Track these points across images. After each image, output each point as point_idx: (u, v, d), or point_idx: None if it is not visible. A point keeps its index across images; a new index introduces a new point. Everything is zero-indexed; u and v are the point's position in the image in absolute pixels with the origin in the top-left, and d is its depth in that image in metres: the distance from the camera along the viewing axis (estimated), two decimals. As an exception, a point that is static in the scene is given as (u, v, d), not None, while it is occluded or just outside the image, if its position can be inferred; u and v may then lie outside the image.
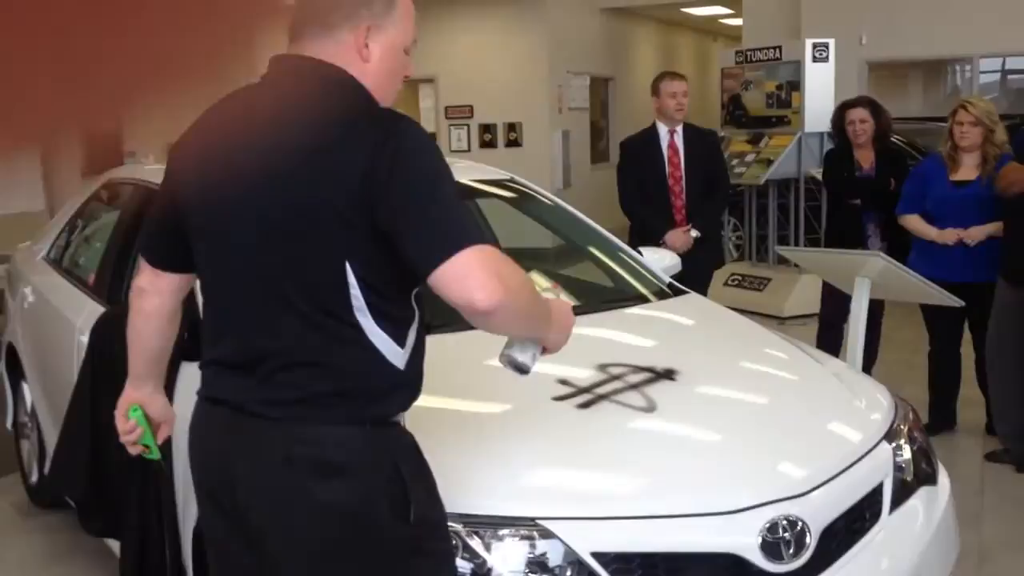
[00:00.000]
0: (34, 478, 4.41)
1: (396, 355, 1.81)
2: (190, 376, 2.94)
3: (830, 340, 5.66)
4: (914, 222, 5.11)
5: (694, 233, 5.05)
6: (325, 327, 1.77)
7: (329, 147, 1.74)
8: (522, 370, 1.90)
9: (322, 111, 1.79)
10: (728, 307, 3.59)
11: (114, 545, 3.16)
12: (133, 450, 2.19)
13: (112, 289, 3.73)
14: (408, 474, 1.82)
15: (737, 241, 10.30)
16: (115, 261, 3.79)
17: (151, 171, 4.23)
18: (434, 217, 1.69)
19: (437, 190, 1.72)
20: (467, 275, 1.65)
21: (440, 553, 1.91)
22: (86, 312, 3.64)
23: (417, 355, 1.87)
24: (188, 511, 2.80)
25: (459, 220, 1.71)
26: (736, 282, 8.94)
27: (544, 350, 1.91)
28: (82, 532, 3.36)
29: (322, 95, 1.81)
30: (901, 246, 5.27)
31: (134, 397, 2.16)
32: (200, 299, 3.02)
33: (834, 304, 5.51)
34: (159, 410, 2.19)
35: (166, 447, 2.89)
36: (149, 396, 2.17)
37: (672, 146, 5.23)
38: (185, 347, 2.97)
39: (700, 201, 5.21)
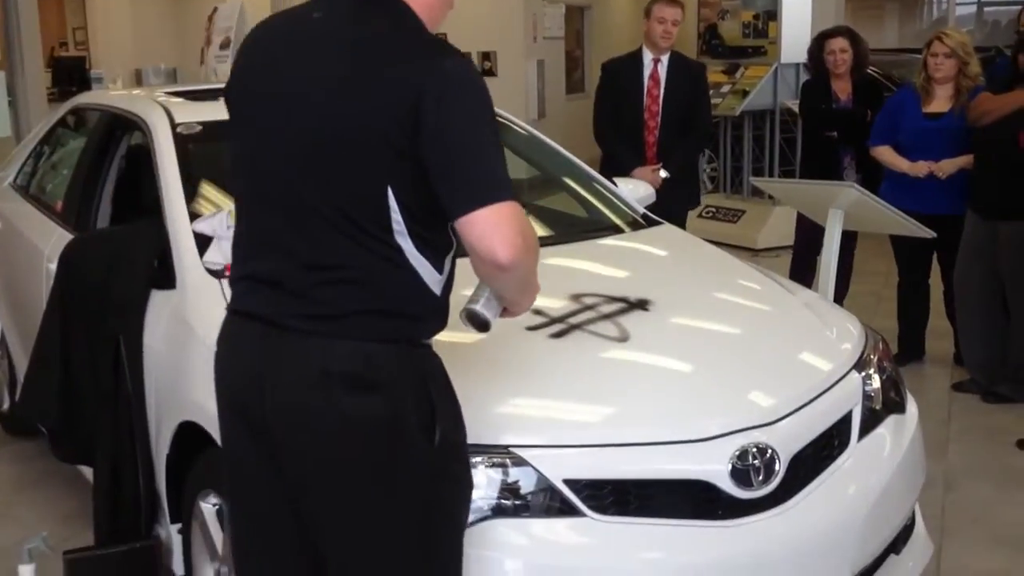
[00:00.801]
0: (4, 406, 4.39)
1: (434, 280, 1.85)
2: (160, 304, 2.92)
3: (803, 271, 5.69)
4: (886, 154, 5.11)
5: (663, 173, 4.82)
6: (367, 246, 1.79)
7: (379, 72, 1.76)
8: (485, 327, 1.93)
9: (372, 34, 1.80)
10: (702, 239, 3.59)
11: (87, 472, 3.17)
12: None
13: (81, 216, 3.68)
14: (436, 395, 1.85)
15: (712, 173, 10.29)
16: (83, 187, 3.74)
17: (117, 96, 4.16)
18: (473, 161, 1.74)
19: (480, 133, 1.75)
20: (496, 230, 1.71)
21: (462, 478, 1.94)
22: (54, 239, 3.59)
23: (450, 284, 1.91)
24: (161, 439, 2.81)
25: (496, 170, 1.75)
26: (710, 214, 8.95)
27: (504, 311, 1.95)
28: (55, 459, 3.36)
29: (373, 18, 1.82)
30: (877, 178, 5.27)
31: None
32: (172, 227, 3.00)
33: (807, 236, 5.53)
34: None
35: (138, 375, 2.90)
36: None
37: (654, 76, 5.01)
38: (155, 275, 2.96)
39: (674, 140, 4.98)
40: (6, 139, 6.31)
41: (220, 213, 2.94)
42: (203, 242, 2.92)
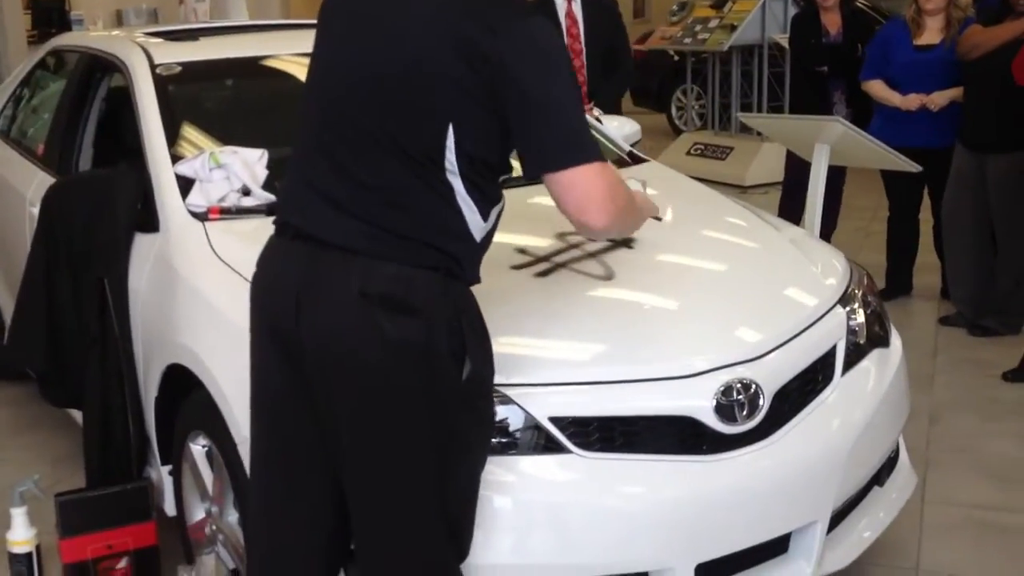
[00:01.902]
0: (-5, 351, 4.38)
1: (478, 227, 1.89)
2: (144, 247, 2.91)
3: (792, 208, 5.68)
4: (877, 88, 5.08)
5: (596, 113, 4.59)
6: (422, 176, 1.83)
7: (464, 16, 1.78)
8: None
9: None
10: (690, 176, 3.57)
11: (78, 416, 3.18)
12: None
13: (62, 159, 3.65)
14: (468, 329, 1.88)
15: (700, 110, 10.23)
16: (63, 131, 3.70)
17: (96, 37, 4.10)
18: (562, 120, 1.78)
19: (568, 91, 1.80)
20: (589, 195, 1.80)
21: (486, 415, 1.98)
22: (36, 183, 3.57)
23: (491, 237, 1.96)
24: (150, 381, 2.81)
25: (585, 130, 1.81)
26: (699, 151, 8.91)
27: None
28: (47, 404, 3.37)
29: None
30: (867, 114, 5.25)
31: None
32: (154, 170, 2.97)
33: (796, 172, 5.52)
34: None
35: (124, 318, 2.89)
36: None
37: (570, 15, 4.87)
38: (138, 218, 2.94)
39: (599, 79, 4.87)
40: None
41: (202, 155, 2.92)
42: (186, 185, 2.90)
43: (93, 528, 2.77)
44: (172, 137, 3.08)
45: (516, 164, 1.94)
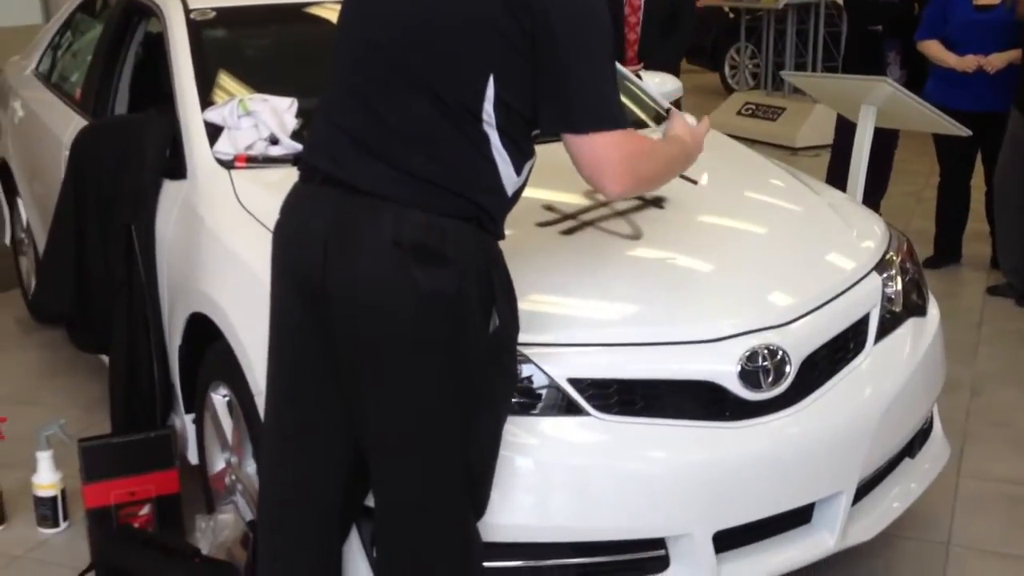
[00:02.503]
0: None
1: (511, 181, 1.86)
2: (172, 193, 2.90)
3: (841, 170, 5.52)
4: (933, 48, 4.92)
5: (637, 69, 4.54)
6: (458, 125, 1.79)
7: None
8: None
9: None
10: (741, 137, 3.48)
11: (108, 361, 3.19)
12: None
13: (98, 104, 3.65)
14: (497, 282, 1.86)
15: (754, 69, 10.03)
16: (100, 76, 3.69)
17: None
18: (591, 81, 1.77)
19: (603, 54, 1.79)
20: (605, 164, 1.79)
21: (509, 370, 1.96)
22: (72, 127, 3.57)
23: (520, 192, 1.92)
24: (174, 329, 2.81)
25: (613, 95, 1.81)
26: (750, 111, 8.74)
27: None
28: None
29: None
30: (922, 76, 5.09)
31: None
32: (183, 116, 2.95)
33: (846, 134, 5.37)
34: None
35: (150, 265, 2.89)
36: None
37: None
38: (166, 164, 2.93)
39: (656, 39, 4.76)
40: (38, 25, 6.26)
41: (231, 102, 2.89)
42: (215, 132, 2.88)
43: (116, 474, 2.78)
44: (204, 84, 3.05)
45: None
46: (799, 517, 2.39)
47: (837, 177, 5.29)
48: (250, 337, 2.33)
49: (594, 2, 1.80)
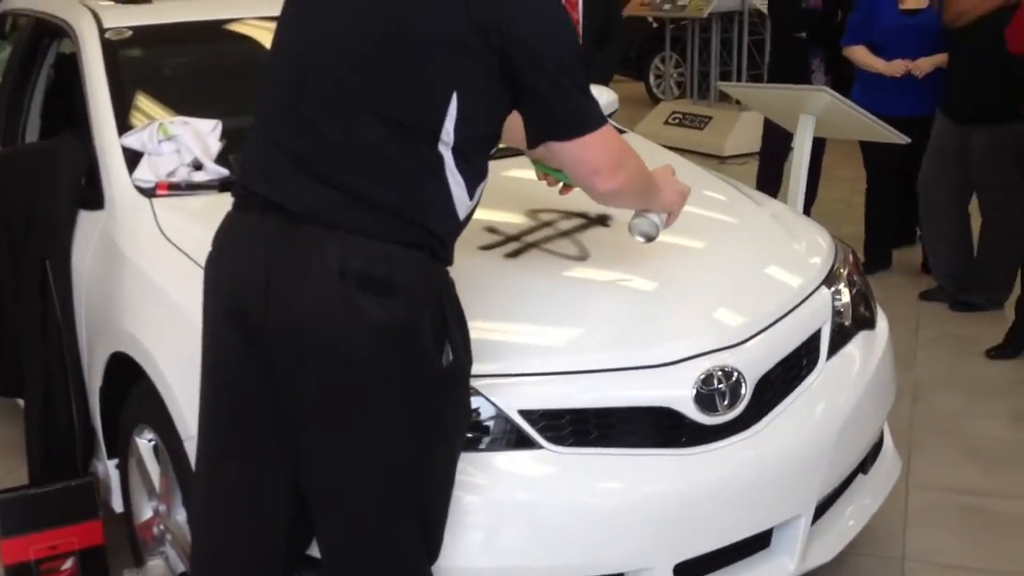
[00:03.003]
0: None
1: (463, 203, 1.79)
2: (89, 224, 2.73)
3: (770, 177, 5.55)
4: (860, 54, 4.93)
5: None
6: (410, 144, 1.71)
7: None
8: (650, 238, 2.21)
9: None
10: (668, 147, 3.42)
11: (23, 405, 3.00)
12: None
13: (8, 131, 3.46)
14: (449, 314, 1.79)
15: (679, 78, 10.08)
16: (10, 100, 3.50)
17: (47, 2, 3.88)
18: (572, 87, 1.76)
19: (575, 58, 1.77)
20: (595, 163, 1.82)
21: (464, 404, 1.88)
22: (-21, 156, 3.37)
23: (469, 218, 1.86)
24: (94, 370, 2.65)
25: (589, 97, 1.80)
26: (677, 120, 8.76)
27: (668, 215, 2.19)
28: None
29: None
30: (847, 82, 5.10)
31: None
32: (99, 141, 2.79)
33: (775, 140, 5.38)
34: None
35: (67, 302, 2.72)
36: None
37: None
38: (82, 194, 2.77)
39: (593, 51, 4.75)
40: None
41: (150, 125, 2.74)
42: (134, 158, 2.72)
43: (35, 528, 2.61)
44: (121, 107, 2.89)
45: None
46: (758, 542, 2.32)
47: (767, 183, 5.30)
48: (177, 377, 2.19)
49: (559, 11, 1.77)
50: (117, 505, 2.71)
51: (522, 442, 2.07)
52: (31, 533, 2.61)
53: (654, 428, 2.16)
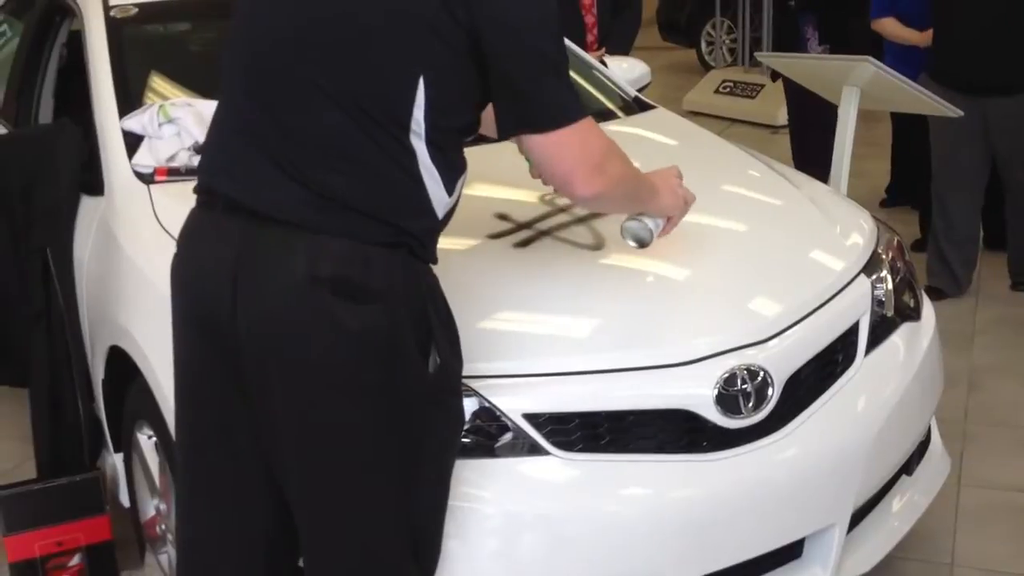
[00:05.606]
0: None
1: (441, 201, 1.66)
2: (90, 212, 2.64)
3: (807, 150, 5.26)
4: (890, 26, 4.62)
5: (608, 60, 4.21)
6: (379, 141, 1.58)
7: None
8: (642, 244, 1.99)
9: None
10: (720, 117, 3.23)
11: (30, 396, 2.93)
12: None
13: (20, 112, 3.38)
14: (434, 316, 1.66)
15: (731, 45, 9.78)
16: (22, 80, 3.42)
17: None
18: (548, 73, 1.61)
19: (556, 42, 1.63)
20: (571, 161, 1.64)
21: (454, 409, 1.75)
22: (-7, 139, 3.29)
23: (452, 213, 1.72)
24: (96, 362, 2.56)
25: (568, 85, 1.65)
26: (728, 89, 8.46)
27: (668, 219, 1.99)
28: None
29: None
30: (843, 49, 4.75)
31: None
32: (100, 125, 2.68)
33: (802, 113, 5.10)
34: None
35: (69, 291, 2.63)
36: None
37: None
38: (83, 179, 2.67)
39: (610, 19, 4.54)
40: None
41: (150, 108, 2.62)
42: (135, 142, 2.61)
43: (40, 524, 2.53)
44: (124, 88, 2.78)
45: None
46: (790, 552, 2.16)
47: (804, 160, 4.97)
48: (168, 375, 2.07)
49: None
50: (125, 500, 2.63)
51: (527, 448, 1.94)
52: (36, 529, 2.53)
53: (672, 432, 2.01)
